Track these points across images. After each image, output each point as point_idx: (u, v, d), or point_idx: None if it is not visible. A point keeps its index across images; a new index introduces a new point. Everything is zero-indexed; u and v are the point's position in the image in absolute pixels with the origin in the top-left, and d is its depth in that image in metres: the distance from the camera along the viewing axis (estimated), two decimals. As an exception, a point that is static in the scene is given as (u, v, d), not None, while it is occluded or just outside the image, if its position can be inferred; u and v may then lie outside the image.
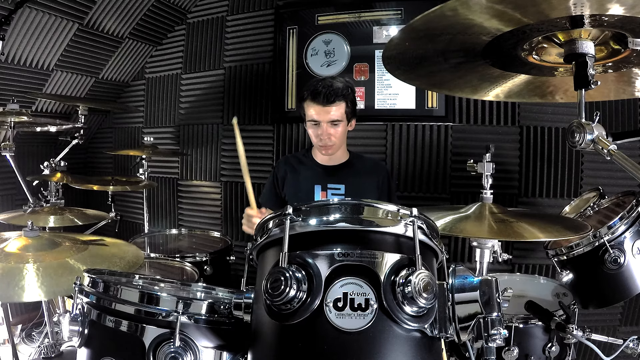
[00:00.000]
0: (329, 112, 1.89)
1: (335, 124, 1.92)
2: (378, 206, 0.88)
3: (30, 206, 2.22)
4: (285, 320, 0.78)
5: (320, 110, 1.90)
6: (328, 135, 1.92)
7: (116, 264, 1.39)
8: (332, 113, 1.89)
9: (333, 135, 1.93)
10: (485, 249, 1.55)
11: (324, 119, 1.90)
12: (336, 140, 1.95)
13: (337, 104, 1.89)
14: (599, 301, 1.67)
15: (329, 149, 1.99)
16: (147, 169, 2.86)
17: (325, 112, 1.89)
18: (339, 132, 1.94)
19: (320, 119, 1.91)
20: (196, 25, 3.39)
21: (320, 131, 1.93)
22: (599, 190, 1.84)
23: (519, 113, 2.63)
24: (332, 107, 1.89)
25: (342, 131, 1.96)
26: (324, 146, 1.97)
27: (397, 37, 1.10)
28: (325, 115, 1.90)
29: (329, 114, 1.89)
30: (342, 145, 2.05)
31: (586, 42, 1.02)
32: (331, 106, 1.89)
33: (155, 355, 0.85)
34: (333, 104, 1.88)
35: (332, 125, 1.92)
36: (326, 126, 1.91)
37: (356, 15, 2.87)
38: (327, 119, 1.90)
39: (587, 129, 0.98)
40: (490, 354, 0.80)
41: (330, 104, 1.88)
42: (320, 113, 1.90)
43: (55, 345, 1.78)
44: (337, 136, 1.94)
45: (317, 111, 1.90)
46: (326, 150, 2.00)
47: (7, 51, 2.58)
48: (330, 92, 1.87)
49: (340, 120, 1.92)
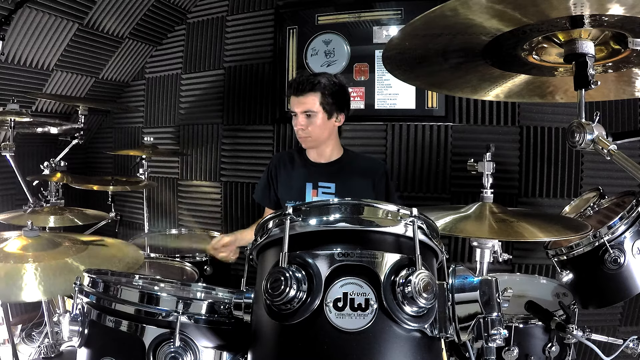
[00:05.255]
0: (302, 103, 1.91)
1: (309, 115, 1.91)
2: (378, 206, 0.88)
3: (30, 206, 2.22)
4: (285, 320, 0.78)
5: (294, 100, 1.93)
6: (302, 126, 1.92)
7: (116, 265, 1.39)
8: (306, 103, 1.90)
9: (306, 126, 1.92)
10: (485, 249, 1.55)
11: (298, 110, 1.92)
12: (313, 132, 1.94)
13: (309, 95, 1.89)
14: (599, 301, 1.67)
15: (306, 142, 1.99)
16: (147, 169, 2.86)
17: (299, 102, 1.91)
18: (316, 124, 1.92)
19: (296, 110, 1.93)
20: (196, 25, 3.39)
21: (295, 121, 1.95)
22: (599, 190, 1.84)
23: (519, 113, 2.63)
24: (304, 98, 1.90)
25: (320, 124, 1.93)
26: (300, 137, 1.98)
27: (397, 37, 1.10)
28: (298, 105, 1.91)
29: (302, 104, 1.91)
30: (330, 141, 2.02)
31: (586, 42, 1.02)
32: (304, 96, 1.90)
33: (155, 355, 0.85)
34: (305, 94, 1.89)
35: (306, 117, 1.91)
36: (301, 117, 1.92)
37: (356, 15, 2.87)
38: (301, 109, 1.91)
39: (587, 129, 0.98)
40: (490, 354, 0.80)
41: (302, 93, 1.90)
42: (295, 103, 1.93)
43: (55, 345, 1.78)
44: (314, 129, 1.93)
45: (292, 101, 1.94)
46: (304, 143, 2.01)
47: (7, 51, 2.58)
48: (303, 82, 1.90)
49: (314, 111, 1.90)
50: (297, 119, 1.93)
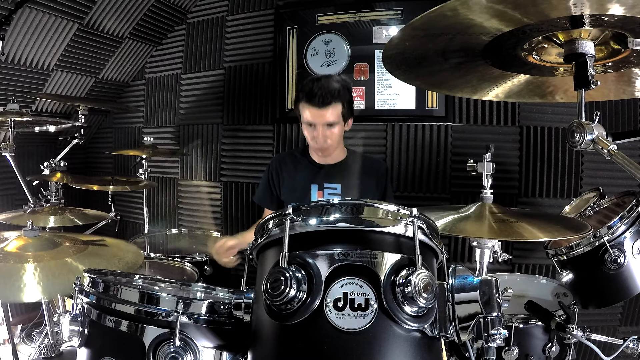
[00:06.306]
0: (325, 115, 1.83)
1: (331, 125, 1.86)
2: (378, 206, 0.88)
3: (30, 206, 2.22)
4: (285, 320, 0.78)
5: (316, 112, 1.83)
6: (324, 137, 1.87)
7: (116, 265, 1.39)
8: (328, 115, 1.83)
9: (329, 137, 1.87)
10: (485, 249, 1.55)
11: (319, 122, 1.84)
12: (332, 142, 1.90)
13: (333, 106, 1.83)
14: (599, 301, 1.67)
15: (325, 151, 1.95)
16: (147, 169, 2.86)
17: (321, 114, 1.83)
18: (335, 133, 1.89)
19: (316, 121, 1.85)
20: (196, 25, 3.39)
21: (315, 133, 1.87)
22: (599, 190, 1.84)
23: (519, 113, 2.63)
24: (328, 110, 1.82)
25: (339, 132, 1.91)
26: (320, 148, 1.93)
27: (397, 37, 1.10)
28: (320, 117, 1.83)
29: (324, 116, 1.83)
30: (339, 144, 2.02)
31: (586, 42, 1.02)
32: (327, 108, 1.82)
33: (155, 355, 0.85)
34: (329, 106, 1.82)
35: (328, 127, 1.86)
36: (322, 128, 1.85)
37: (356, 15, 2.87)
38: (323, 122, 1.84)
39: (587, 129, 0.98)
40: (490, 354, 0.80)
41: (326, 106, 1.82)
42: (316, 115, 1.84)
43: (55, 345, 1.78)
44: (333, 138, 1.89)
45: (313, 113, 1.84)
46: (323, 152, 1.97)
47: (7, 51, 2.58)
48: (326, 94, 1.81)
49: (336, 122, 1.86)
50: (316, 130, 1.86)
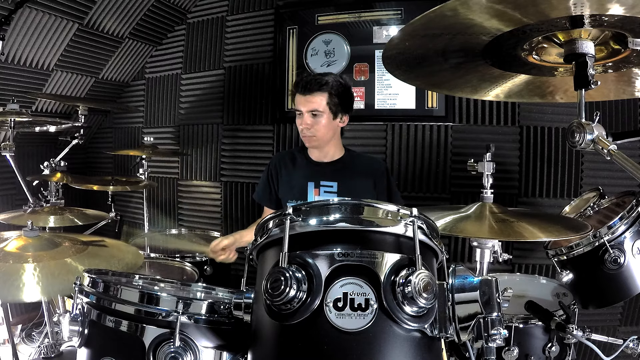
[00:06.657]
0: (309, 102, 1.92)
1: (315, 114, 1.92)
2: (378, 206, 0.88)
3: (30, 206, 2.22)
4: (285, 320, 0.78)
5: (301, 99, 1.93)
6: (307, 125, 1.94)
7: (116, 265, 1.39)
8: (312, 103, 1.91)
9: (312, 126, 1.93)
10: (485, 249, 1.55)
11: (304, 109, 1.93)
12: (318, 134, 1.95)
13: (317, 94, 1.91)
14: (599, 301, 1.67)
15: (310, 141, 1.99)
16: (147, 169, 2.86)
17: (305, 101, 1.92)
18: (321, 124, 1.94)
19: (302, 109, 1.94)
20: (196, 25, 3.39)
21: (300, 120, 1.96)
22: (599, 190, 1.84)
23: (519, 113, 2.63)
24: (312, 97, 1.91)
25: (325, 124, 1.95)
26: (305, 137, 1.99)
27: (397, 37, 1.10)
28: (305, 104, 1.92)
29: (308, 102, 1.92)
30: (333, 141, 2.03)
31: (586, 42, 1.01)
32: (311, 96, 1.91)
33: (155, 355, 0.85)
34: (312, 94, 1.91)
35: (312, 116, 1.93)
36: (306, 116, 1.93)
37: (356, 15, 2.87)
38: (307, 109, 1.92)
39: (587, 129, 0.98)
40: (490, 354, 0.80)
41: (309, 92, 1.91)
42: (301, 102, 1.94)
43: (55, 345, 1.78)
44: (319, 129, 1.94)
45: (299, 100, 1.95)
46: (309, 143, 2.01)
47: (7, 51, 2.58)
48: (312, 82, 1.91)
49: (320, 111, 1.92)
50: (303, 117, 1.94)
